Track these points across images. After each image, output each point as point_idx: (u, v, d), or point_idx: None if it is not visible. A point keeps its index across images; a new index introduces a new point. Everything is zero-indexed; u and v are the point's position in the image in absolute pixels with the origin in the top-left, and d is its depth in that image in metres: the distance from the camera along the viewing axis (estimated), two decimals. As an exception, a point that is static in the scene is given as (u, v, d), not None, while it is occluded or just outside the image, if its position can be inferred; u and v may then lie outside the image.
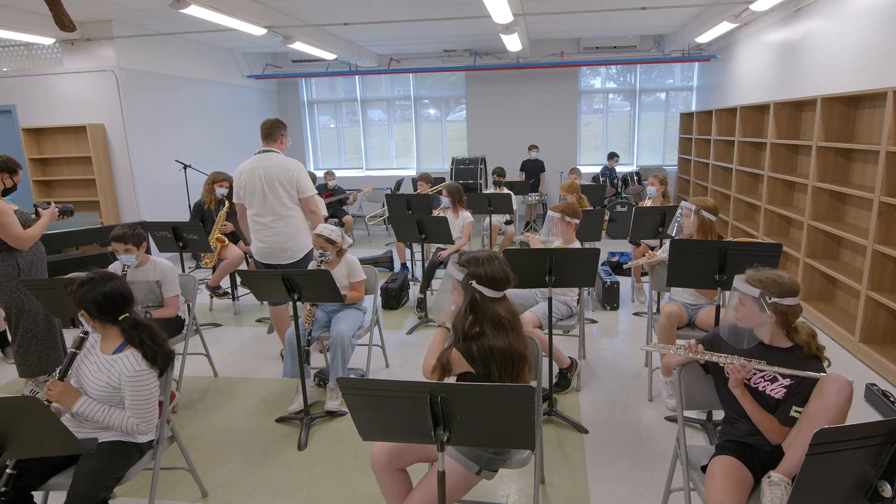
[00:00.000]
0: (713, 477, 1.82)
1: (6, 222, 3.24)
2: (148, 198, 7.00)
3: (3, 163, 3.37)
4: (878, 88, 3.87)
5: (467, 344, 1.94)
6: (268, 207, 3.57)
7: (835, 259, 4.58)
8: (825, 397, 1.73)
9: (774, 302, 1.84)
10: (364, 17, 6.58)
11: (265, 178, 3.53)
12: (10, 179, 3.40)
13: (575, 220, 3.62)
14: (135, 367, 2.11)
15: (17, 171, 3.44)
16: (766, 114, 5.83)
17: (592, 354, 4.05)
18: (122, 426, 2.11)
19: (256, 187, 3.55)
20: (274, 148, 3.62)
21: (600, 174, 8.74)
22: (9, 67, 6.74)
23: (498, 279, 1.96)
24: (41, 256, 3.56)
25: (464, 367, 1.95)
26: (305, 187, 3.61)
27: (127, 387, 2.10)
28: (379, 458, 1.99)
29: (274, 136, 3.63)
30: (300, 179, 3.58)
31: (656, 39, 9.10)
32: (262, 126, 3.64)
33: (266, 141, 3.64)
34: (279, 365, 4.00)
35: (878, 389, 3.19)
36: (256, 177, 3.54)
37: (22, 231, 3.31)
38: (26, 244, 3.36)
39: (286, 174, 3.54)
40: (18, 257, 3.39)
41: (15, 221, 3.28)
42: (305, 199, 3.63)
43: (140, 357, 2.13)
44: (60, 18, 2.94)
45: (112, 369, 2.12)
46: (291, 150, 10.62)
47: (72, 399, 2.07)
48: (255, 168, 3.55)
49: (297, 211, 3.65)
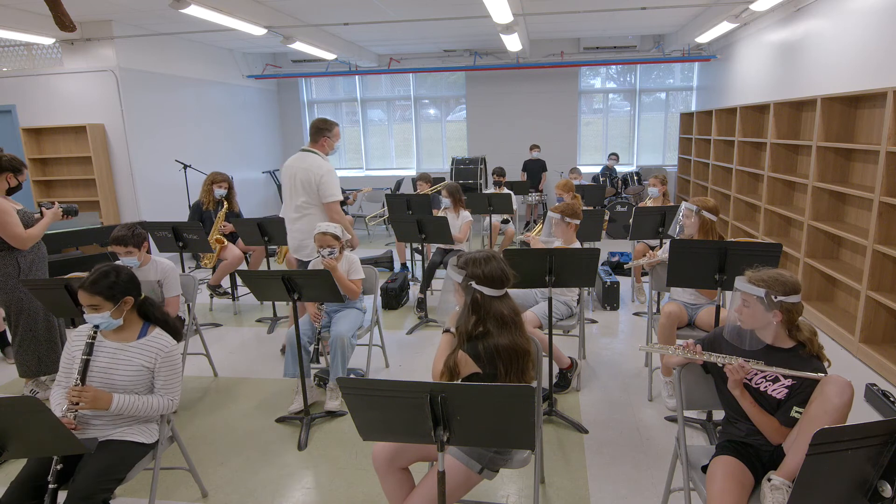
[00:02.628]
0: (714, 477, 1.82)
1: (7, 221, 3.23)
2: (148, 198, 7.00)
3: (8, 162, 3.37)
4: (878, 88, 3.87)
5: (472, 344, 1.94)
6: (291, 204, 3.76)
7: (835, 259, 4.58)
8: (826, 399, 1.73)
9: (780, 300, 1.83)
10: (364, 17, 6.58)
11: (294, 177, 3.69)
12: (14, 179, 3.41)
13: (575, 221, 3.62)
14: (170, 344, 2.21)
15: (22, 170, 3.44)
16: (766, 114, 5.83)
17: (592, 354, 4.05)
18: (159, 409, 2.17)
19: (286, 184, 3.77)
20: (314, 149, 3.73)
21: (600, 174, 8.74)
22: (9, 67, 6.74)
23: (496, 278, 1.96)
24: (42, 256, 3.55)
25: (471, 367, 1.94)
26: (326, 192, 3.66)
27: (164, 365, 2.18)
28: (380, 457, 1.99)
29: (315, 138, 3.75)
30: (322, 183, 3.63)
31: (656, 39, 9.09)
32: (311, 125, 3.79)
33: (311, 140, 3.78)
34: (279, 365, 4.00)
35: (878, 389, 3.19)
36: (289, 174, 3.72)
37: (23, 231, 3.30)
38: (27, 244, 3.35)
39: (308, 175, 3.64)
40: (19, 257, 3.38)
41: (16, 221, 3.27)
42: (327, 204, 3.67)
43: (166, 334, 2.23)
44: (60, 18, 2.93)
45: (145, 353, 2.16)
46: (291, 151, 10.66)
47: (106, 401, 2.06)
48: (290, 166, 3.73)
49: (317, 211, 3.71)
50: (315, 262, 3.47)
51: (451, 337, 2.04)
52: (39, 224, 3.40)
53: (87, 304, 2.09)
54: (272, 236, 4.61)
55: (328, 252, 3.27)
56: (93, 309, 2.09)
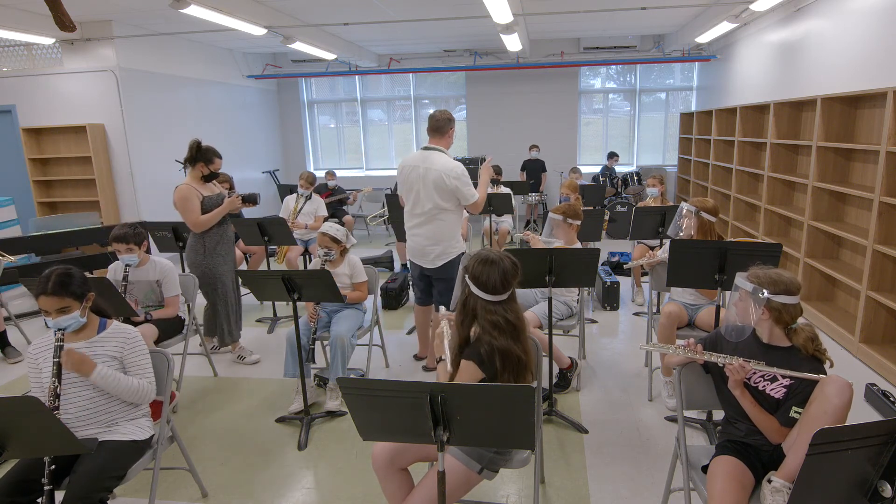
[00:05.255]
0: (715, 478, 1.82)
1: (187, 207, 3.63)
2: (148, 198, 7.00)
3: (202, 154, 3.69)
4: (878, 88, 3.87)
5: (474, 349, 1.92)
6: (418, 208, 3.49)
7: (835, 259, 4.58)
8: (826, 399, 1.72)
9: (767, 298, 1.84)
10: (364, 17, 6.58)
11: (422, 179, 3.42)
12: (206, 168, 3.72)
13: (576, 222, 3.62)
14: (132, 331, 2.25)
15: (213, 160, 3.75)
16: (766, 114, 5.83)
17: (592, 354, 4.05)
18: (139, 389, 2.18)
19: (409, 187, 3.51)
20: (440, 146, 3.46)
21: (600, 174, 8.74)
22: (9, 67, 6.74)
23: (490, 285, 1.91)
24: (227, 238, 3.89)
25: (478, 374, 1.91)
26: (468, 194, 3.41)
27: (131, 352, 2.21)
28: (380, 458, 1.99)
29: (441, 132, 3.44)
30: (458, 188, 3.37)
31: (656, 39, 9.09)
32: (431, 119, 3.47)
33: (433, 136, 3.47)
34: (279, 365, 4.00)
35: (878, 389, 3.19)
36: (416, 176, 3.44)
37: (198, 217, 3.65)
38: (199, 228, 3.70)
39: (439, 176, 3.36)
40: (205, 237, 3.75)
41: (195, 207, 3.64)
42: (470, 205, 3.47)
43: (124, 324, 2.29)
44: (60, 18, 2.93)
45: (111, 344, 2.19)
46: (291, 150, 10.68)
47: (90, 365, 2.08)
48: (415, 166, 3.45)
49: (449, 216, 3.47)
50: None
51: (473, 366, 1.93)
52: (214, 211, 3.70)
53: (57, 307, 2.06)
54: (272, 236, 4.61)
55: (324, 253, 3.29)
56: (61, 312, 2.07)
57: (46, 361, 2.13)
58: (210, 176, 3.76)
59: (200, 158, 3.69)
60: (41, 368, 2.14)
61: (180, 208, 3.65)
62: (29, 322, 5.04)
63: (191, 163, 3.70)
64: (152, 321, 3.25)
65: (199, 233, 3.73)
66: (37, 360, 2.16)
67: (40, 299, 2.06)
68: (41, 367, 2.14)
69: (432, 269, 3.56)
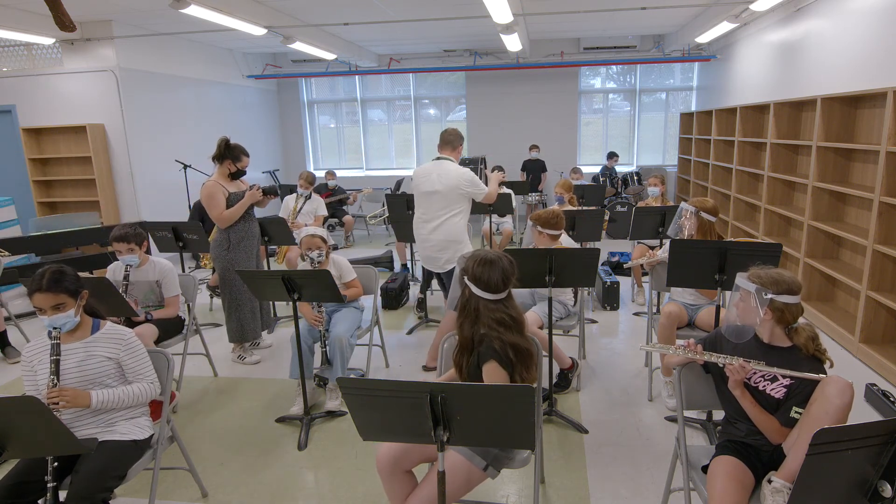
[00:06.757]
0: (715, 478, 1.82)
1: (211, 204, 3.67)
2: (148, 198, 7.00)
3: (230, 151, 3.73)
4: (878, 88, 3.87)
5: (488, 348, 1.93)
6: (431, 213, 3.74)
7: (835, 259, 4.58)
8: (827, 400, 1.72)
9: (770, 298, 1.84)
10: (364, 17, 6.58)
11: (438, 182, 3.67)
12: (233, 165, 3.76)
13: (553, 232, 3.42)
14: (126, 332, 2.23)
15: (241, 157, 3.79)
16: (766, 114, 5.83)
17: (592, 354, 4.05)
18: (142, 394, 2.18)
19: (423, 191, 3.75)
20: (451, 157, 3.77)
21: (600, 174, 8.74)
22: (9, 67, 6.74)
23: (490, 283, 1.96)
24: (252, 234, 3.90)
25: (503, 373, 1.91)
26: (479, 189, 3.72)
27: (127, 354, 2.19)
28: (385, 460, 1.98)
29: (452, 146, 3.77)
30: (473, 192, 3.70)
31: (656, 39, 9.09)
32: (444, 133, 3.80)
33: (445, 148, 3.79)
34: (279, 365, 4.01)
35: (878, 389, 3.19)
36: (430, 182, 3.70)
37: (223, 212, 3.69)
38: (224, 223, 3.74)
39: (451, 179, 3.64)
40: (230, 232, 3.77)
41: (219, 203, 3.68)
42: (487, 195, 3.77)
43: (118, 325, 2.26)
44: (60, 18, 2.93)
45: (105, 345, 2.17)
46: (291, 150, 10.67)
47: (85, 398, 2.06)
48: (430, 172, 3.72)
49: (458, 219, 3.71)
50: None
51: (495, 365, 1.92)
52: (237, 205, 3.72)
53: (52, 304, 2.05)
54: (272, 236, 4.61)
55: (317, 254, 3.28)
56: (56, 309, 2.06)
57: (41, 363, 2.11)
58: (237, 173, 3.81)
59: (228, 156, 3.74)
60: (36, 371, 2.12)
61: (206, 204, 3.71)
62: (29, 322, 5.04)
63: (219, 160, 3.75)
64: (152, 321, 3.25)
65: (225, 228, 3.77)
66: (31, 362, 2.14)
67: (35, 297, 2.05)
68: (36, 368, 2.12)
69: (443, 272, 3.83)
